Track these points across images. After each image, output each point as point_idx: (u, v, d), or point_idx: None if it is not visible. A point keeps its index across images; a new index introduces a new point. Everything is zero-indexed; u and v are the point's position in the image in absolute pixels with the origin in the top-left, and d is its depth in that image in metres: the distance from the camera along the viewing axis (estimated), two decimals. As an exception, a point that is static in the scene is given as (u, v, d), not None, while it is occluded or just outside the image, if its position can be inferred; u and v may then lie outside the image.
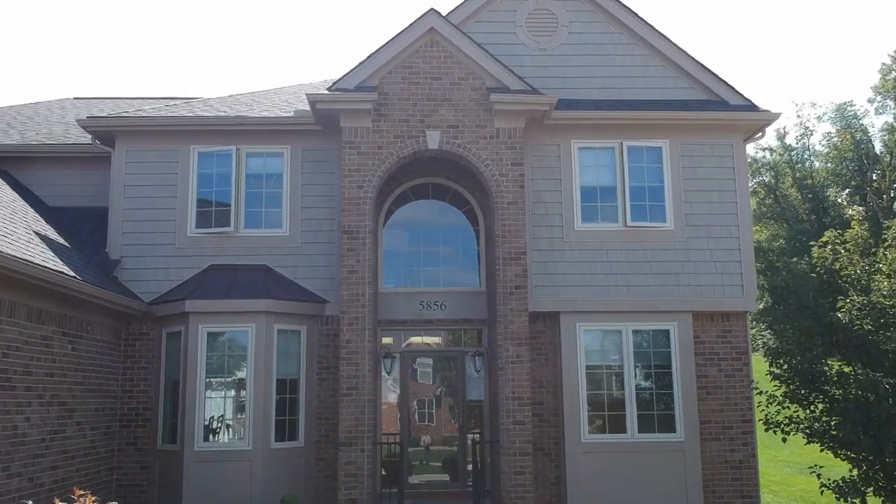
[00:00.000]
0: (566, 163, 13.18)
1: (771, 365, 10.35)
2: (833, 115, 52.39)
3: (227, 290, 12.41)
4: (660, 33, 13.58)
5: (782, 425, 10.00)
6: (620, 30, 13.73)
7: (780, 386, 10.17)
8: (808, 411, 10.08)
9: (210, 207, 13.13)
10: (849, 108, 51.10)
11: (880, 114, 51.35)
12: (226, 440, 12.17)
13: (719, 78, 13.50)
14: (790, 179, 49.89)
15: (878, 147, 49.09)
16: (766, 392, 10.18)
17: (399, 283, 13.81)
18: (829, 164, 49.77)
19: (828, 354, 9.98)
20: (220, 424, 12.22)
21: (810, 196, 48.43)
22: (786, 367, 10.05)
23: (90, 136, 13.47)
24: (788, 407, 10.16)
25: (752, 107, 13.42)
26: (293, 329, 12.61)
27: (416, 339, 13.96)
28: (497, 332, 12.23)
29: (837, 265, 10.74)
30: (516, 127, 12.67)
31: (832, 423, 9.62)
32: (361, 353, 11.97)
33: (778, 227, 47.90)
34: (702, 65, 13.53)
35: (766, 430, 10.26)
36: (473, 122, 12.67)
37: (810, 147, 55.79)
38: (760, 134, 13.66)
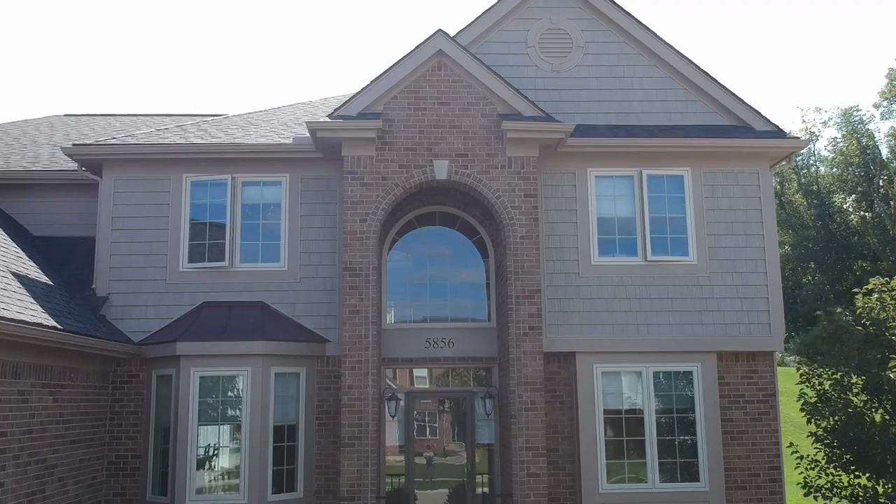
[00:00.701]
0: (582, 192, 12.41)
1: (809, 422, 9.56)
2: (839, 120, 51.66)
3: (222, 330, 11.63)
4: (680, 54, 12.80)
5: (823, 490, 9.21)
6: (639, 50, 12.94)
7: (821, 448, 9.38)
8: (851, 476, 9.28)
9: (204, 241, 12.35)
10: (855, 113, 50.40)
11: (886, 118, 50.78)
12: (220, 492, 11.36)
13: (744, 102, 12.72)
14: (795, 185, 49.17)
15: (884, 152, 48.38)
16: (807, 456, 9.40)
17: (404, 318, 13.05)
18: (834, 170, 49.07)
19: (872, 411, 9.16)
20: (213, 475, 11.44)
21: (816, 202, 47.72)
22: (827, 426, 9.24)
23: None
24: (830, 472, 9.36)
25: (778, 133, 12.64)
26: (292, 371, 11.83)
27: (421, 379, 13.18)
28: (510, 375, 11.46)
29: (884, 315, 9.93)
30: (529, 156, 11.89)
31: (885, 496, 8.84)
32: (364, 400, 11.19)
33: (783, 234, 47.14)
34: (725, 88, 12.75)
35: (806, 495, 9.49)
36: (484, 150, 11.90)
37: (816, 152, 55.06)
38: (786, 161, 12.91)
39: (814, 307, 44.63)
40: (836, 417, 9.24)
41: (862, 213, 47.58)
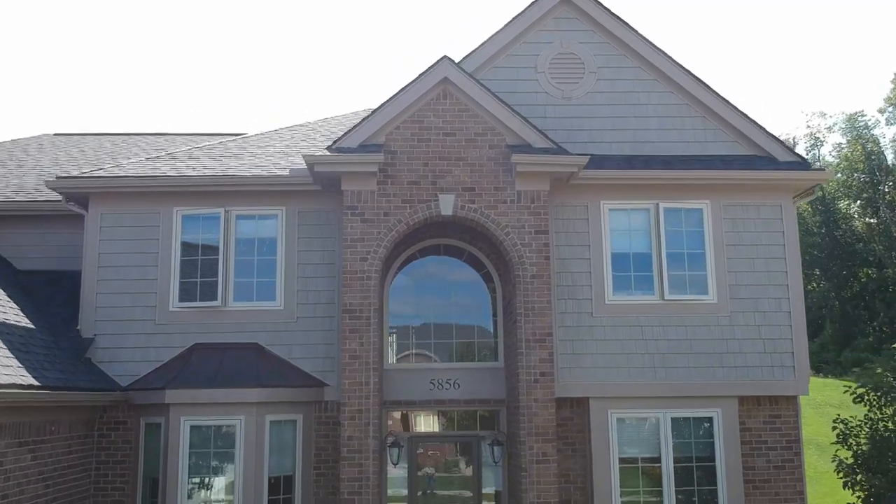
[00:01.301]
0: (595, 226, 11.73)
1: (845, 487, 8.90)
2: (844, 126, 51.11)
3: (213, 376, 10.95)
4: (698, 79, 12.12)
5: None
6: (655, 76, 12.25)
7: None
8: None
9: (195, 278, 11.66)
10: (860, 119, 49.86)
11: (892, 124, 50.17)
12: (212, 550, 10.71)
13: (766, 131, 12.03)
14: (800, 192, 48.44)
15: (889, 158, 47.81)
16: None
17: (407, 357, 12.38)
18: (839, 175, 48.49)
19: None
20: (205, 531, 10.77)
21: (820, 208, 47.05)
22: (869, 497, 8.57)
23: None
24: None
25: (802, 164, 11.96)
26: (288, 419, 11.15)
27: (425, 423, 12.51)
28: (520, 425, 10.78)
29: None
30: (540, 190, 11.22)
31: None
32: (365, 452, 10.51)
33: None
34: (746, 115, 12.06)
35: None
36: (492, 184, 11.22)
37: (820, 158, 54.49)
38: (811, 193, 12.22)
39: (818, 315, 44.04)
40: (878, 483, 8.59)
41: (867, 219, 47.01)
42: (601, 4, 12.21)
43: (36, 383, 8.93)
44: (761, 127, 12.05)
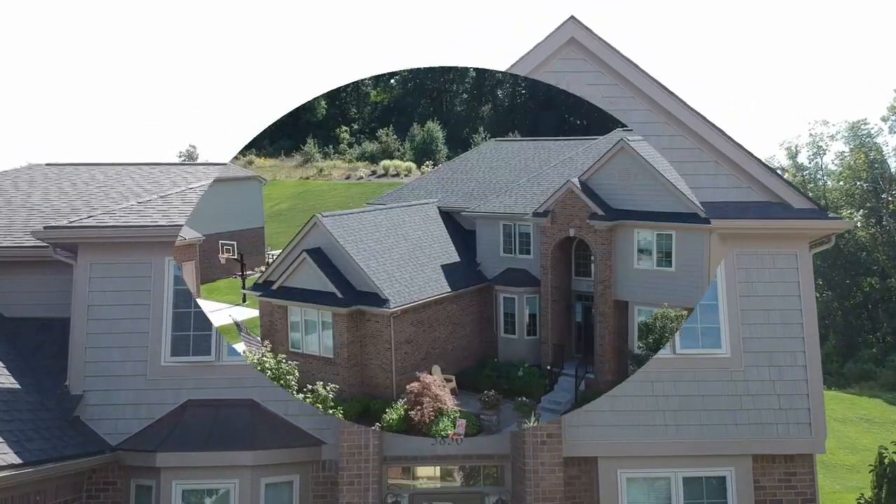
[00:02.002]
0: (603, 277, 11.30)
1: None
2: (847, 134, 50.64)
3: (207, 437, 10.51)
4: (712, 124, 11.65)
5: None
6: (665, 119, 11.78)
7: None
8: None
9: (188, 332, 11.22)
10: (862, 127, 49.41)
11: (895, 133, 49.70)
12: None
13: (781, 177, 11.64)
14: (802, 200, 47.94)
15: (893, 167, 47.39)
16: None
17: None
18: (842, 184, 48.09)
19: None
20: None
21: (823, 217, 46.53)
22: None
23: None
24: None
25: (819, 212, 11.52)
26: (284, 480, 10.72)
27: (428, 479, 12.07)
28: (526, 489, 10.34)
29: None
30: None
31: None
32: (366, 520, 10.09)
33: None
34: (760, 161, 11.61)
35: None
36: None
37: (823, 166, 54.09)
38: (827, 242, 11.77)
39: (821, 325, 43.65)
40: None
41: (871, 229, 46.64)
42: (609, 45, 11.75)
43: (18, 461, 8.48)
44: (776, 173, 11.63)
